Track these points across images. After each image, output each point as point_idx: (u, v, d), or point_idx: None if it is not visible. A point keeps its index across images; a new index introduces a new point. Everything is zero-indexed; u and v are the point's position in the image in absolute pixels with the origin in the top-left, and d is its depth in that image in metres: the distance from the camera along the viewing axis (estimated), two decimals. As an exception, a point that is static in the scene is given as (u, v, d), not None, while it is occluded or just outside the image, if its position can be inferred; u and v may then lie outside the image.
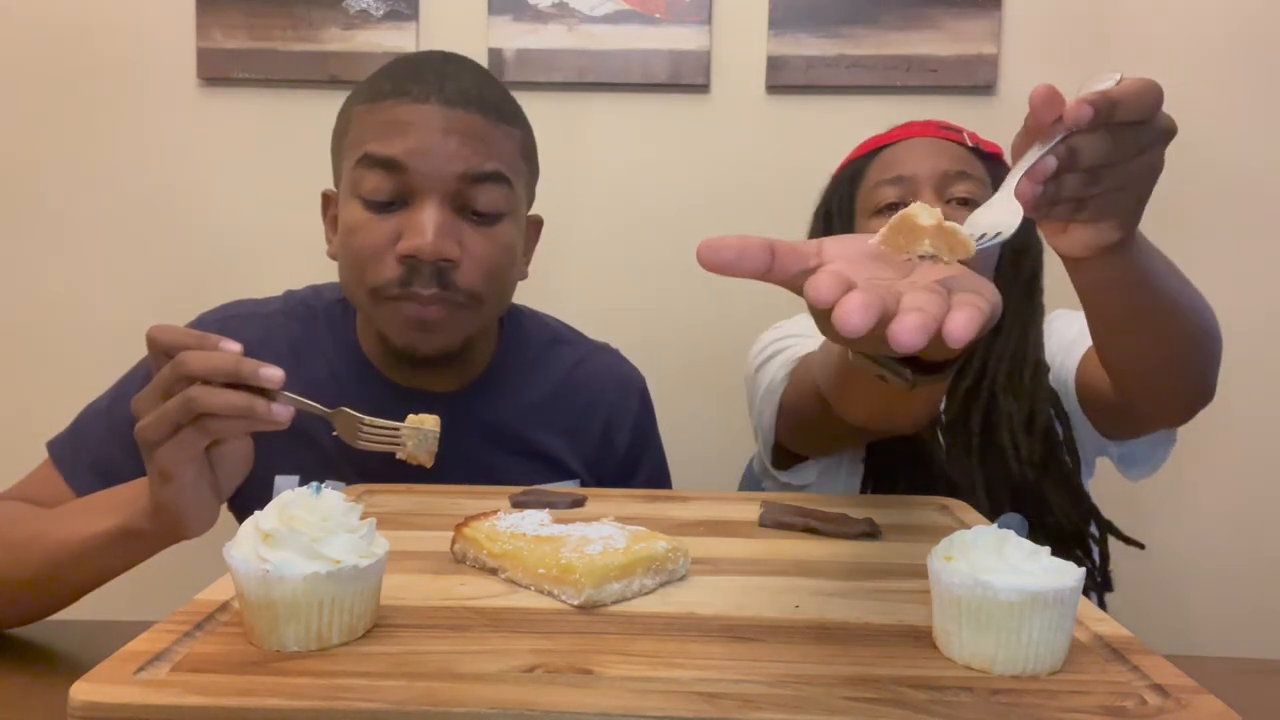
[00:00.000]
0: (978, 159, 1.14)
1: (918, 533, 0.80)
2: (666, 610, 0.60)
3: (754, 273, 0.48)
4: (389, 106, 0.88)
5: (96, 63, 1.62)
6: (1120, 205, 0.65)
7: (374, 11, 1.58)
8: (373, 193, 0.87)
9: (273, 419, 0.68)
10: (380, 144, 0.86)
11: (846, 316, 0.40)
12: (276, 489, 0.95)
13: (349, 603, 0.53)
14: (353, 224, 0.88)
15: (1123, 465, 1.13)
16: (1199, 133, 1.55)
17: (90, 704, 0.46)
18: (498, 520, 0.69)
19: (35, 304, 1.64)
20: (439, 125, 0.86)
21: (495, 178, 0.89)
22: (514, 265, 0.97)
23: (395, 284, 0.87)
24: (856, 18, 1.54)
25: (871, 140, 1.20)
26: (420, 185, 0.86)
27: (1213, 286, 1.57)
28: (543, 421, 1.02)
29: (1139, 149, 0.61)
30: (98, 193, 1.65)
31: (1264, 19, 1.53)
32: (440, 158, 0.86)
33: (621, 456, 1.06)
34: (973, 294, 0.45)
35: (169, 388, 0.68)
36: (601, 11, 1.57)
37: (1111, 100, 0.57)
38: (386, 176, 0.86)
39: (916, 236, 0.50)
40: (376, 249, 0.87)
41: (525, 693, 0.47)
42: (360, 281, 0.89)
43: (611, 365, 1.10)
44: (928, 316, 0.41)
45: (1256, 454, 1.60)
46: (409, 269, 0.86)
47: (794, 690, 0.49)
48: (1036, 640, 0.50)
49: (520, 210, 0.97)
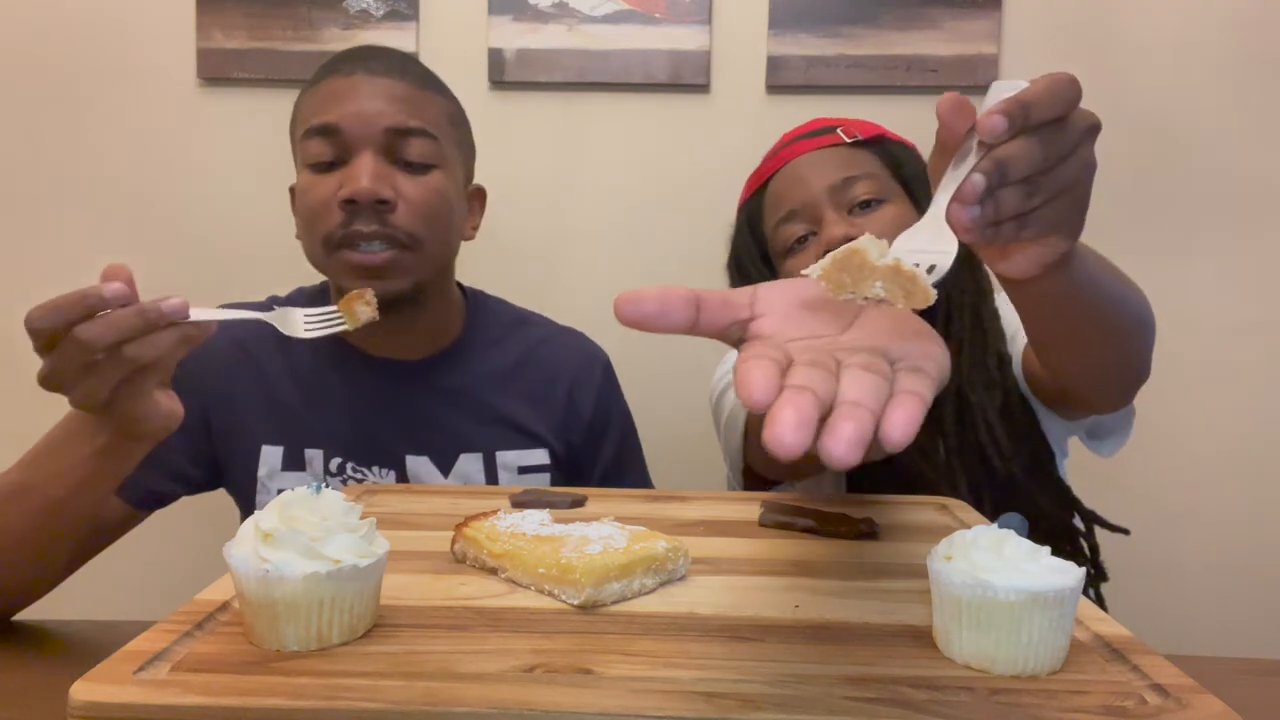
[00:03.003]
0: (862, 150, 1.07)
1: (918, 533, 0.80)
2: (666, 610, 0.60)
3: (678, 327, 0.45)
4: (324, 85, 0.98)
5: (96, 62, 1.62)
6: (1063, 214, 0.58)
7: (374, 11, 1.58)
8: (315, 157, 0.96)
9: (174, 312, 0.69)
10: (318, 116, 0.96)
11: (779, 439, 0.36)
12: (263, 460, 1.00)
13: (349, 602, 0.53)
14: (303, 188, 0.97)
15: (1093, 442, 1.10)
16: (1198, 133, 1.56)
17: (90, 704, 0.46)
18: (498, 520, 0.69)
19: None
20: (366, 91, 0.96)
21: (421, 133, 0.98)
22: (451, 215, 1.02)
23: (339, 229, 0.94)
24: (856, 18, 1.54)
25: (753, 178, 1.15)
26: (354, 142, 0.95)
27: (1213, 286, 1.58)
28: (509, 390, 1.08)
29: (1069, 147, 0.54)
30: (97, 192, 1.65)
31: (1264, 18, 1.53)
32: (369, 114, 0.95)
33: (588, 423, 1.11)
34: (915, 374, 0.42)
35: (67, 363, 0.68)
36: (601, 11, 1.57)
37: (1023, 103, 0.51)
38: (325, 141, 0.95)
39: (865, 277, 0.45)
40: (322, 202, 0.95)
41: (525, 693, 0.47)
42: (313, 238, 0.96)
43: (574, 342, 1.16)
44: (864, 423, 0.37)
45: (1256, 453, 1.60)
46: (349, 214, 0.94)
47: (794, 690, 0.49)
48: (1036, 640, 0.50)
49: (453, 168, 1.03)
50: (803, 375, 0.40)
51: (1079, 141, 0.55)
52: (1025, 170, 0.52)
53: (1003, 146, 0.52)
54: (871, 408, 0.38)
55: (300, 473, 1.01)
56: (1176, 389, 1.59)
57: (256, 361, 1.03)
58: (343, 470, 1.02)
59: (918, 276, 0.44)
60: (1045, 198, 0.55)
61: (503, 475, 1.06)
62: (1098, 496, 1.11)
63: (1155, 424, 1.60)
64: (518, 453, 1.06)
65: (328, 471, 1.01)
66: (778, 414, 0.37)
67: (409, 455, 1.03)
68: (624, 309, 0.45)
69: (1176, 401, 1.59)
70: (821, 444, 0.37)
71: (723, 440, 1.10)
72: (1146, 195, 1.56)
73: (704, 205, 1.61)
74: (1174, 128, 1.54)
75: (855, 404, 0.38)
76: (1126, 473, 1.58)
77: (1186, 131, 1.55)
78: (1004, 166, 0.52)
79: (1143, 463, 1.59)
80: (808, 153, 1.08)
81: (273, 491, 1.00)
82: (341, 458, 1.02)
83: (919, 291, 0.44)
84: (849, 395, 0.39)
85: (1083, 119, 0.55)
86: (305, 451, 1.01)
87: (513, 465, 1.06)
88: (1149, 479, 1.59)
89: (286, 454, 1.00)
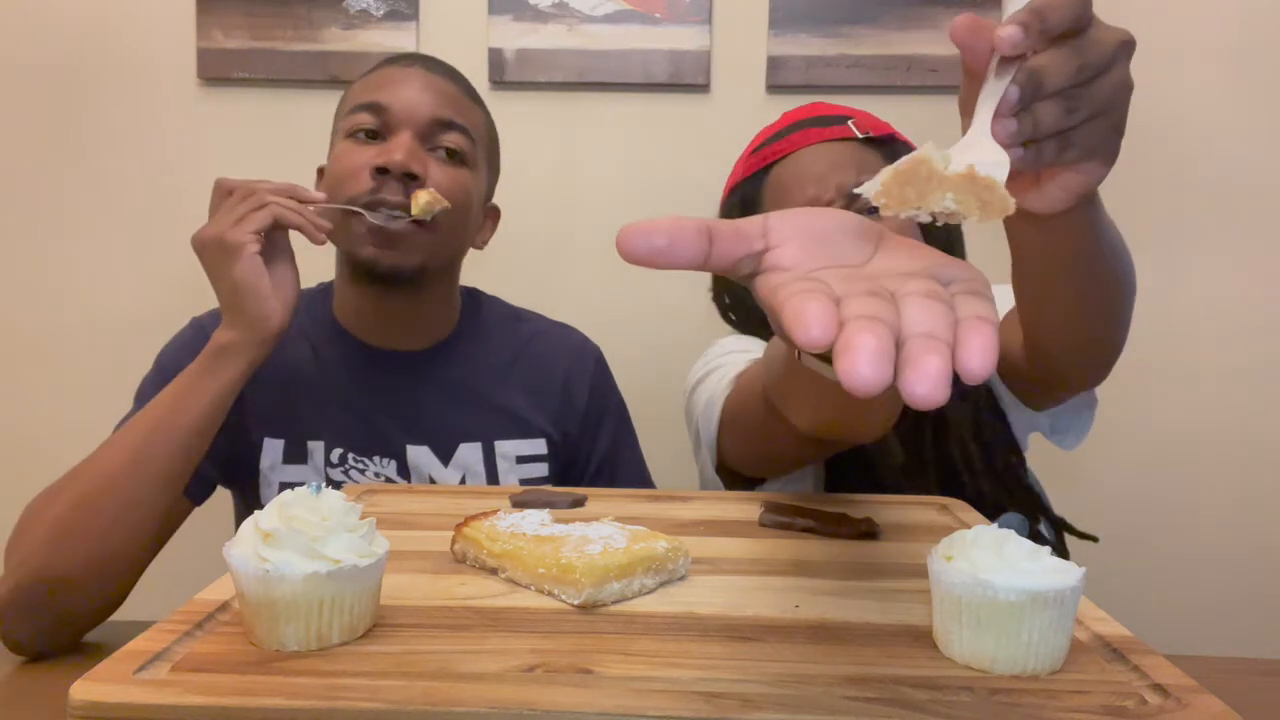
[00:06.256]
0: (872, 149, 1.03)
1: (918, 533, 0.80)
2: (666, 610, 0.60)
3: (689, 262, 0.40)
4: (378, 73, 1.04)
5: (96, 62, 1.62)
6: (1102, 136, 0.57)
7: (374, 11, 1.58)
8: (357, 126, 1.01)
9: (312, 197, 0.92)
10: (368, 94, 1.02)
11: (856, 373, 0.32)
12: (265, 452, 1.02)
13: (349, 602, 0.53)
14: (338, 154, 1.02)
15: (1055, 436, 1.08)
16: (1200, 129, 1.56)
17: (90, 703, 0.46)
18: (498, 520, 0.69)
19: (35, 303, 1.64)
20: (419, 82, 1.02)
21: (461, 129, 1.03)
22: (470, 210, 1.06)
23: (365, 194, 0.98)
24: (857, 17, 1.54)
25: (753, 158, 1.09)
26: (397, 122, 1.00)
27: (1216, 284, 1.58)
28: (506, 381, 1.11)
29: (1103, 61, 0.53)
30: (98, 192, 1.65)
31: (1265, 17, 1.53)
32: (416, 101, 1.01)
33: (583, 413, 1.14)
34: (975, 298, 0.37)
35: (235, 205, 0.88)
36: (601, 11, 1.57)
37: (1037, 10, 0.50)
38: (370, 115, 1.01)
39: (934, 189, 0.40)
40: (355, 167, 0.99)
41: (525, 693, 0.47)
42: (337, 201, 0.99)
43: (567, 335, 1.19)
44: (946, 357, 0.34)
45: (1256, 452, 1.60)
46: (379, 182, 0.98)
47: (794, 690, 0.49)
48: (1036, 640, 0.50)
49: (480, 174, 1.08)
50: (863, 305, 0.35)
51: (1113, 57, 0.54)
52: (1060, 81, 0.52)
53: (1035, 57, 0.51)
54: (946, 339, 0.34)
55: (302, 465, 1.01)
56: (1179, 387, 1.59)
57: None
58: (345, 460, 1.03)
59: (995, 184, 0.39)
60: (1084, 116, 0.54)
61: (501, 464, 1.07)
62: (1098, 496, 1.11)
63: (1157, 423, 1.60)
64: (516, 442, 1.08)
65: (329, 463, 1.02)
66: (852, 342, 0.33)
67: (409, 445, 1.05)
68: (631, 242, 0.39)
69: (1178, 400, 1.59)
70: (903, 381, 0.33)
71: (693, 435, 1.06)
72: (1147, 194, 1.56)
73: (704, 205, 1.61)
74: (1174, 127, 1.54)
75: (930, 336, 0.34)
76: (1127, 472, 1.59)
77: (1187, 130, 1.55)
78: (1037, 77, 0.51)
79: (1143, 462, 1.60)
80: (818, 143, 1.04)
81: (275, 484, 1.00)
82: (343, 448, 1.03)
83: (996, 200, 0.39)
84: (920, 327, 0.35)
85: (1114, 35, 0.54)
86: (307, 443, 1.02)
87: (511, 454, 1.08)
88: (1149, 478, 1.59)
89: (288, 446, 1.01)
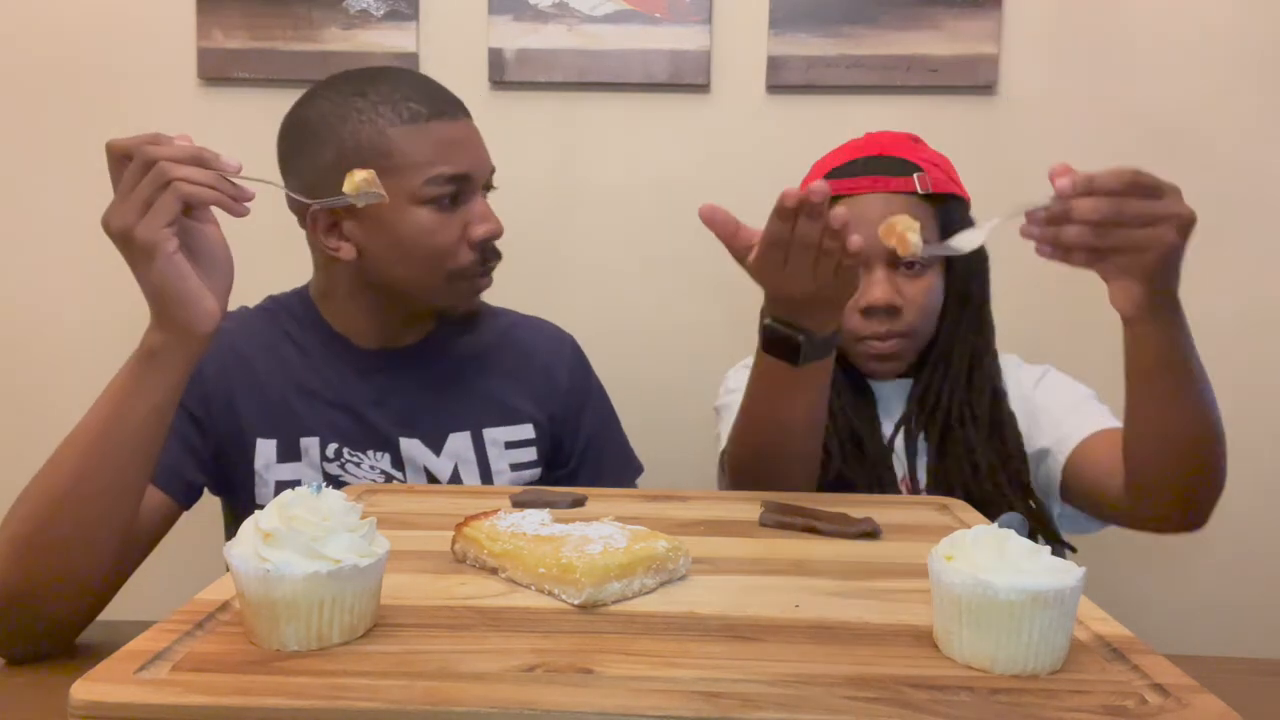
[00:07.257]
0: (928, 205, 1.08)
1: (918, 533, 0.80)
2: (667, 610, 0.60)
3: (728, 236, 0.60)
4: (433, 128, 1.02)
5: (97, 63, 1.62)
6: (1140, 266, 0.77)
7: (374, 11, 1.58)
8: (440, 196, 1.02)
9: (227, 166, 0.79)
10: (448, 164, 1.02)
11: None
12: (259, 453, 1.02)
13: (349, 602, 0.53)
14: (428, 226, 1.02)
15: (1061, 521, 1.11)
16: (1200, 132, 1.55)
17: (91, 703, 0.47)
18: (498, 520, 0.69)
19: (34, 303, 1.64)
20: (476, 139, 1.07)
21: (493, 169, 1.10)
22: None
23: (477, 264, 1.04)
24: (857, 17, 1.54)
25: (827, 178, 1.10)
26: (474, 186, 1.05)
27: (1218, 286, 1.57)
28: (489, 370, 1.15)
29: (1145, 216, 0.75)
30: (97, 192, 1.64)
31: (1265, 17, 1.53)
32: (485, 163, 1.07)
33: (565, 393, 1.17)
34: None
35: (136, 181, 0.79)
36: (601, 11, 1.57)
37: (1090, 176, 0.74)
38: (453, 185, 1.03)
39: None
40: (453, 241, 1.03)
41: (525, 692, 0.47)
42: (437, 270, 1.03)
43: (541, 325, 1.24)
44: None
45: (1255, 452, 1.60)
46: (485, 251, 1.05)
47: (794, 690, 0.49)
48: (1037, 640, 0.50)
49: None
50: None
51: (1159, 218, 0.75)
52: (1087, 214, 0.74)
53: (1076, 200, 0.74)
54: None
55: (296, 463, 1.02)
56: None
57: (246, 360, 1.04)
58: (340, 455, 1.04)
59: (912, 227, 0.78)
60: (1114, 245, 0.75)
61: (491, 450, 1.09)
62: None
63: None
64: (504, 429, 1.11)
65: (325, 458, 1.03)
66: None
67: (402, 438, 1.06)
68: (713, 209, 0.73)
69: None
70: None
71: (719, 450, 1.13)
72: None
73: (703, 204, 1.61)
74: (1174, 126, 1.54)
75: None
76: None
77: (1187, 130, 1.55)
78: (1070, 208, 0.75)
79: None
80: (883, 193, 1.08)
81: (270, 483, 1.01)
82: (337, 443, 1.04)
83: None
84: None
85: (1175, 206, 0.76)
86: (300, 440, 1.02)
87: (500, 441, 1.10)
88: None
89: (281, 445, 1.02)
